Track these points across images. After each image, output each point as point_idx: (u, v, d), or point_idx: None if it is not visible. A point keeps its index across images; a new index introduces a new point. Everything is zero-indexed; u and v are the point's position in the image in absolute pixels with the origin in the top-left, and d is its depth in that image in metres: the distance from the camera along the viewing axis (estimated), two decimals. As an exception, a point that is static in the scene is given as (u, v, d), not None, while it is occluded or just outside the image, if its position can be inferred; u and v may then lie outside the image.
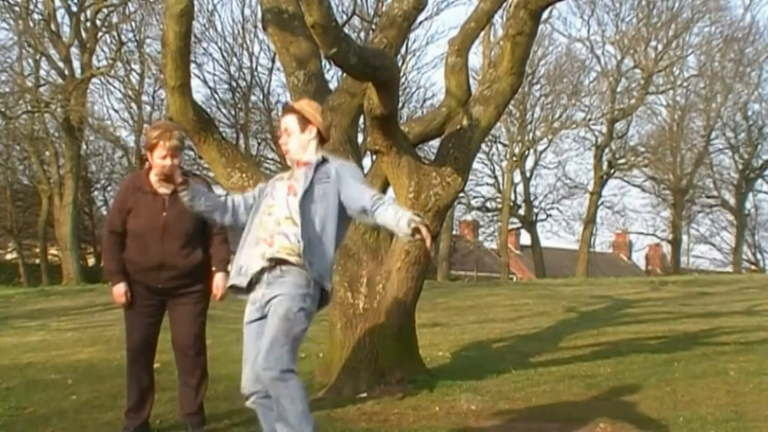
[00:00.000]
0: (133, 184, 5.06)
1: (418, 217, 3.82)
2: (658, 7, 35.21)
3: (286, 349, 3.93)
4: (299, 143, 4.21)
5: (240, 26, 32.19)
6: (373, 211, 3.93)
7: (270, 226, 4.07)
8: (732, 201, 39.01)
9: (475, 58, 30.38)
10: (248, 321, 4.19)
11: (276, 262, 4.02)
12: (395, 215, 3.86)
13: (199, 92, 32.41)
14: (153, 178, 4.97)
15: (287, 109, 4.31)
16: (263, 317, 4.09)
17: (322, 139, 4.26)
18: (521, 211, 37.85)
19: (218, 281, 5.02)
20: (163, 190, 4.95)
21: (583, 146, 37.47)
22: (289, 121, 4.23)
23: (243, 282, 4.12)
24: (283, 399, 3.91)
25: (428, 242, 3.83)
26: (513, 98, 7.39)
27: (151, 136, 4.88)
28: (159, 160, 4.86)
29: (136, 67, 30.99)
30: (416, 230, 3.79)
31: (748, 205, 39.51)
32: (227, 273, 5.00)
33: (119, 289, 4.94)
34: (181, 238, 4.92)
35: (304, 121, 4.21)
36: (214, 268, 5.04)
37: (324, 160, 4.18)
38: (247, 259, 4.11)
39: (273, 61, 30.44)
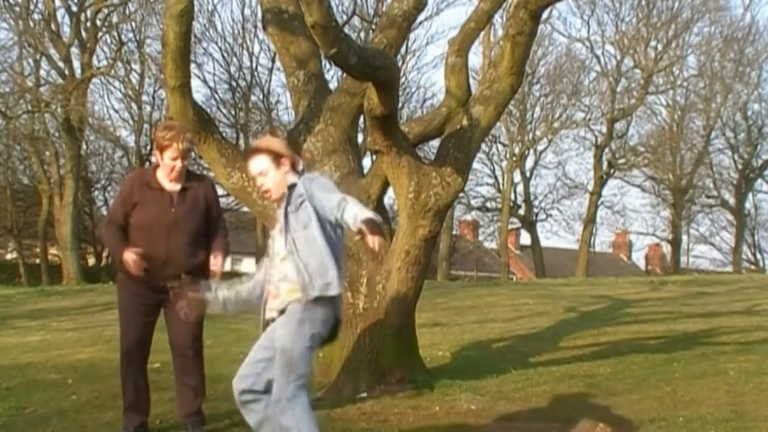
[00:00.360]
0: (140, 179, 5.05)
1: (367, 218, 3.76)
2: (658, 7, 35.23)
3: (291, 379, 4.00)
4: (277, 181, 4.17)
5: (240, 26, 32.13)
6: (342, 218, 3.89)
7: (274, 275, 4.14)
8: (732, 201, 39.01)
9: (475, 58, 30.39)
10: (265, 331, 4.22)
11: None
12: (354, 218, 3.81)
13: (199, 92, 32.41)
14: (161, 175, 4.97)
15: (255, 150, 4.23)
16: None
17: (293, 169, 4.22)
18: (521, 211, 37.83)
19: (217, 258, 4.98)
20: (171, 186, 4.96)
21: (583, 146, 37.50)
22: (262, 163, 4.17)
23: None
24: (288, 425, 3.99)
25: (370, 242, 3.75)
26: (513, 98, 7.39)
27: (164, 136, 4.89)
28: (169, 161, 4.88)
29: (136, 67, 30.99)
30: (360, 231, 3.77)
31: (748, 205, 39.57)
32: (224, 257, 5.02)
33: (129, 255, 4.82)
34: (187, 236, 4.93)
35: (277, 157, 4.17)
36: (214, 249, 5.02)
37: (293, 185, 4.14)
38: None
39: (273, 61, 30.41)
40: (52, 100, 28.22)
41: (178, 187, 4.96)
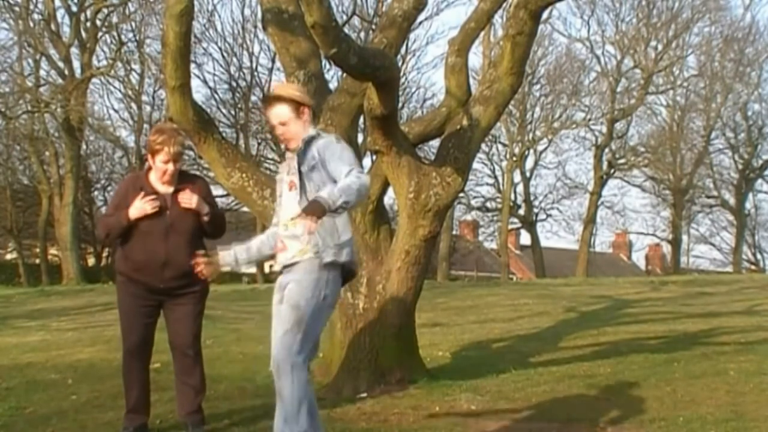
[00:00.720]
0: (133, 183, 5.07)
1: (315, 198, 3.79)
2: (658, 7, 35.25)
3: (298, 339, 3.93)
4: (298, 130, 4.14)
5: (240, 26, 32.17)
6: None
7: (281, 232, 4.13)
8: (732, 201, 39.02)
9: (475, 58, 30.41)
10: (274, 303, 4.19)
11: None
12: (327, 193, 3.82)
13: (199, 92, 32.42)
14: (152, 178, 4.98)
15: (276, 98, 4.18)
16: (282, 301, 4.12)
17: (314, 115, 4.24)
18: (521, 211, 37.84)
19: (190, 195, 4.94)
20: (164, 189, 4.96)
21: (583, 146, 37.53)
22: (283, 111, 4.13)
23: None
24: (284, 390, 3.93)
25: (305, 226, 3.75)
26: (513, 98, 7.39)
27: (156, 140, 4.89)
28: (161, 164, 4.88)
29: (136, 67, 31.02)
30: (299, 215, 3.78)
31: (748, 205, 39.58)
32: (209, 212, 4.97)
33: (137, 203, 4.81)
34: (184, 236, 4.93)
35: (298, 106, 4.15)
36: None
37: (307, 143, 4.09)
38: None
39: (273, 61, 30.44)
40: (52, 100, 28.22)
41: (171, 189, 4.96)
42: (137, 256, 4.93)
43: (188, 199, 4.92)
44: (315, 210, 3.76)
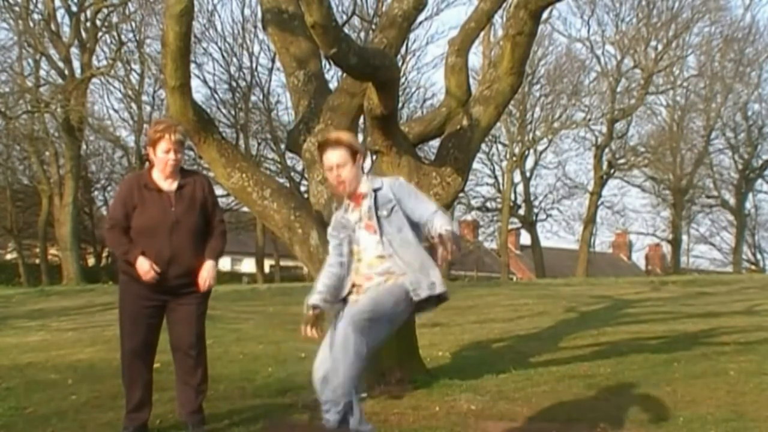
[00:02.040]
0: (137, 181, 5.04)
1: (453, 230, 4.04)
2: (658, 7, 35.24)
3: (367, 317, 4.06)
4: (354, 175, 4.33)
5: (240, 26, 32.18)
6: (431, 224, 4.12)
7: (364, 270, 4.29)
8: (732, 201, 39.02)
9: (475, 58, 30.39)
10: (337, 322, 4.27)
11: None
12: (440, 225, 4.06)
13: (199, 92, 32.44)
14: (156, 175, 4.97)
15: (335, 142, 4.34)
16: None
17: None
18: (521, 211, 37.85)
19: (206, 270, 4.96)
20: (167, 187, 4.96)
21: (583, 146, 37.54)
22: (341, 156, 4.30)
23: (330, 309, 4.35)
24: (349, 344, 4.04)
25: (443, 253, 3.99)
26: (513, 98, 7.39)
27: (156, 129, 4.91)
28: (162, 154, 4.87)
29: (136, 67, 31.06)
30: (439, 237, 4.01)
31: (748, 205, 39.57)
32: (216, 263, 5.02)
33: (144, 263, 4.82)
34: (189, 234, 4.93)
35: (355, 153, 4.33)
36: (205, 256, 4.99)
37: (378, 189, 4.32)
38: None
39: (273, 61, 30.44)
40: (52, 100, 28.24)
41: (174, 186, 4.95)
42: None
43: (204, 282, 4.95)
44: (455, 240, 4.00)
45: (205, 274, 4.95)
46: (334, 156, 4.31)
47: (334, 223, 4.47)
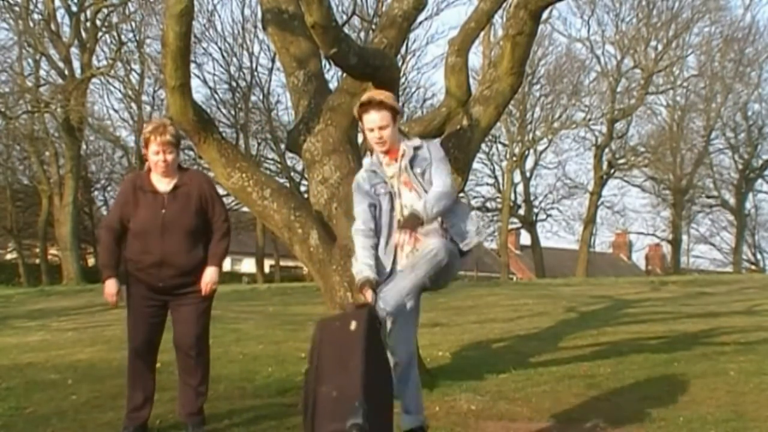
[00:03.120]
0: (133, 183, 5.05)
1: (412, 212, 4.29)
2: (658, 7, 35.27)
3: (421, 280, 4.35)
4: (394, 135, 4.50)
5: (240, 26, 32.22)
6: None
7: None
8: (732, 201, 39.03)
9: (475, 58, 30.43)
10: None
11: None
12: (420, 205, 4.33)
13: (199, 92, 32.46)
14: (153, 175, 4.97)
15: (381, 104, 4.46)
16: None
17: None
18: (521, 211, 37.87)
19: (208, 275, 4.97)
20: (163, 187, 4.95)
21: (583, 146, 37.59)
22: (384, 117, 4.46)
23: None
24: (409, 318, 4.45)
25: (399, 238, 4.25)
26: (513, 98, 7.39)
27: (145, 131, 4.92)
28: (153, 155, 4.88)
29: (136, 67, 31.09)
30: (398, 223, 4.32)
31: (748, 205, 39.60)
32: (219, 268, 5.02)
33: (111, 287, 4.87)
34: (181, 235, 4.91)
35: (395, 114, 4.50)
36: (208, 261, 4.99)
37: (419, 146, 4.50)
38: (384, 256, 4.46)
39: (273, 61, 30.46)
40: (52, 100, 28.25)
41: (171, 186, 4.95)
42: (135, 255, 4.94)
43: (206, 286, 4.96)
44: (412, 223, 4.26)
45: (207, 279, 4.96)
46: (377, 117, 4.45)
47: (364, 172, 4.57)
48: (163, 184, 4.96)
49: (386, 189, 4.52)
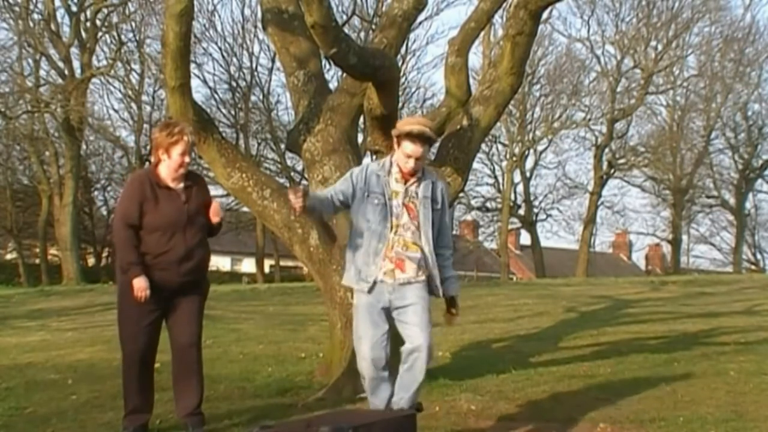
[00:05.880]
0: (148, 178, 5.00)
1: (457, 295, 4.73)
2: (658, 7, 35.23)
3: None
4: (423, 162, 4.64)
5: (240, 26, 32.15)
6: (443, 265, 4.69)
7: (398, 248, 4.57)
8: (732, 201, 39.00)
9: (475, 58, 30.37)
10: (368, 309, 4.60)
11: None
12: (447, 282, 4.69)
13: (199, 92, 32.38)
14: (164, 174, 4.96)
15: (423, 140, 4.54)
16: (387, 314, 4.58)
17: None
18: (521, 211, 37.83)
19: (216, 206, 5.07)
20: (174, 185, 4.97)
21: (583, 146, 37.51)
22: (424, 150, 4.58)
23: (365, 288, 4.59)
24: (424, 377, 4.59)
25: (452, 320, 4.76)
26: (513, 98, 7.39)
27: (171, 132, 4.91)
28: (178, 156, 4.90)
29: (136, 67, 31.03)
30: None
31: (748, 205, 39.55)
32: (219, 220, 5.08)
33: (141, 282, 4.82)
34: (199, 230, 4.99)
35: (431, 145, 4.69)
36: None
37: (434, 181, 4.67)
38: (367, 266, 4.57)
39: (273, 61, 30.42)
40: (52, 100, 28.24)
41: (182, 185, 4.97)
42: (155, 251, 4.88)
43: (218, 211, 5.03)
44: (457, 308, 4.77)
45: (217, 210, 5.04)
46: (420, 151, 4.54)
47: (367, 173, 4.64)
48: (173, 183, 4.98)
49: (380, 201, 4.57)
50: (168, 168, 4.94)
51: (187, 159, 4.93)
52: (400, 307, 4.55)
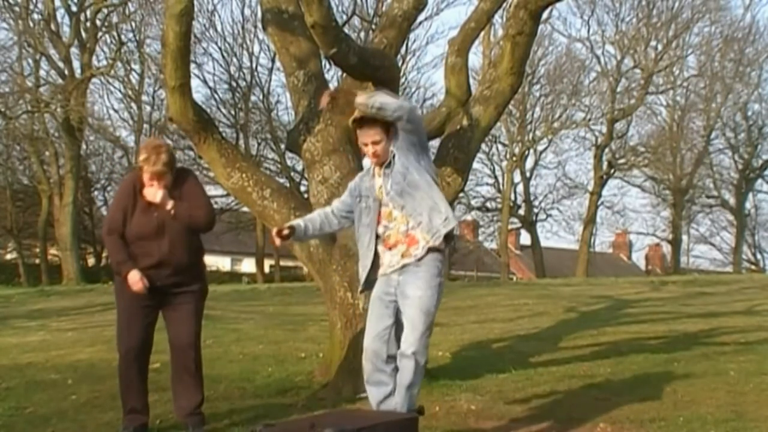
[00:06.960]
0: (132, 185, 5.04)
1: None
2: (658, 7, 35.23)
3: (426, 334, 4.44)
4: (387, 148, 4.53)
5: (240, 26, 32.13)
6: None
7: (401, 228, 4.48)
8: (732, 201, 39.00)
9: (475, 58, 30.36)
10: (374, 302, 4.59)
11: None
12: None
13: (199, 92, 32.36)
14: (146, 179, 4.96)
15: (370, 122, 4.49)
16: (392, 300, 4.50)
17: None
18: (521, 211, 37.84)
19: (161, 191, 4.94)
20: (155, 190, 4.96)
21: (583, 146, 37.50)
22: (379, 133, 4.50)
23: (368, 283, 4.59)
24: (412, 377, 4.43)
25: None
26: (513, 98, 7.39)
27: (139, 158, 4.95)
28: (147, 181, 4.90)
29: (136, 67, 31.03)
30: None
31: (748, 205, 39.54)
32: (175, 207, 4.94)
33: (135, 276, 4.86)
34: (178, 235, 4.94)
35: (387, 127, 4.49)
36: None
37: (391, 161, 4.53)
38: (366, 259, 4.56)
39: (273, 61, 30.41)
40: (52, 100, 28.24)
41: (161, 192, 4.95)
42: (136, 256, 4.93)
43: (153, 194, 4.91)
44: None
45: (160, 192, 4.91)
46: (371, 134, 4.50)
47: (358, 179, 4.75)
48: (154, 187, 4.96)
49: (367, 203, 4.58)
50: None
51: (155, 184, 4.87)
52: (402, 303, 4.49)
